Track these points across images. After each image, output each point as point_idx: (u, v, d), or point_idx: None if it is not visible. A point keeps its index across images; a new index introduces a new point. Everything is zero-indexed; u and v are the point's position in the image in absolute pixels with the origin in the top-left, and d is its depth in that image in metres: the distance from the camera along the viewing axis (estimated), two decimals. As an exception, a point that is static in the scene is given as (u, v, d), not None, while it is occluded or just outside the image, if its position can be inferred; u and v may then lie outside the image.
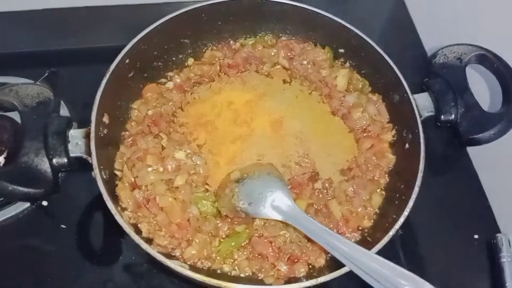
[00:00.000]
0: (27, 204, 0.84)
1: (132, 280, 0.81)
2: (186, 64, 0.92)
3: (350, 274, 0.65)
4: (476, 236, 0.86)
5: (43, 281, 0.79)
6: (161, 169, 0.76)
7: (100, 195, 0.79)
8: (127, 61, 0.82)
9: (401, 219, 0.70)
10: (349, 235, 0.76)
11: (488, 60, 0.82)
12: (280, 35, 0.96)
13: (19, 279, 0.79)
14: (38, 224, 0.85)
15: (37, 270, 0.80)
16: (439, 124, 0.82)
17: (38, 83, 0.90)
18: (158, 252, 0.66)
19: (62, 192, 0.76)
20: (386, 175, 0.82)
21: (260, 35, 0.96)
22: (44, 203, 0.85)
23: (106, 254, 0.83)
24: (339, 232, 0.75)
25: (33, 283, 0.79)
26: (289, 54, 0.93)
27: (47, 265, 0.81)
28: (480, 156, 0.94)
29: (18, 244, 0.83)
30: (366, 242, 0.74)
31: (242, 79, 0.92)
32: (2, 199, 0.84)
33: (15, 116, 0.88)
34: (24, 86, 0.70)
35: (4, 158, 0.84)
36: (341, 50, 0.93)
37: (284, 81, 0.92)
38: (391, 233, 0.69)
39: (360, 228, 0.77)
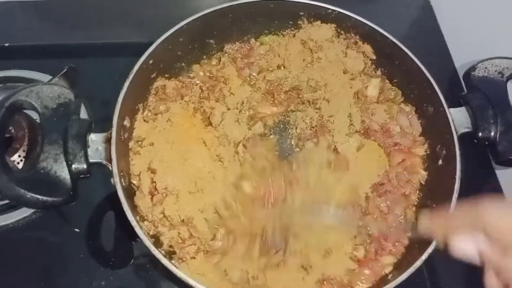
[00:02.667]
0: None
1: (144, 285, 0.79)
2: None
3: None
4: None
5: (55, 284, 0.78)
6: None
7: (114, 198, 0.78)
8: (151, 61, 0.78)
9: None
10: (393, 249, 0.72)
11: (532, 76, 0.78)
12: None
13: (31, 282, 0.77)
14: (51, 227, 0.83)
15: (49, 273, 0.79)
16: (476, 141, 0.77)
17: (56, 80, 0.88)
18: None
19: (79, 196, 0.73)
20: (417, 191, 0.78)
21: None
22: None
23: (119, 258, 0.81)
24: (382, 247, 0.72)
25: (45, 286, 0.77)
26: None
27: (60, 269, 0.79)
28: (508, 178, 0.90)
29: (30, 246, 0.81)
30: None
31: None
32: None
33: (31, 114, 0.87)
34: (45, 87, 0.67)
35: (19, 156, 0.83)
36: (373, 57, 0.88)
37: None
38: (424, 257, 0.65)
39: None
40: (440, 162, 0.77)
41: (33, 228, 0.81)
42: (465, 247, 0.50)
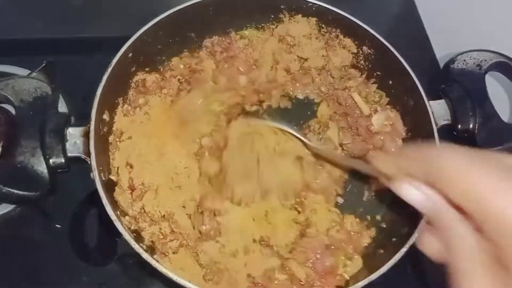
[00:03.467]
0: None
1: (127, 282, 0.78)
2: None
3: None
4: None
5: (37, 282, 0.76)
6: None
7: (97, 193, 0.77)
8: (130, 54, 0.77)
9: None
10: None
11: (509, 68, 0.79)
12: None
13: (13, 279, 0.76)
14: (32, 223, 0.81)
15: (30, 270, 0.77)
16: (455, 133, 0.78)
17: (34, 75, 0.86)
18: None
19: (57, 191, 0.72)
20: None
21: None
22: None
23: (102, 255, 0.80)
24: None
25: (26, 284, 0.76)
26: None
27: (41, 265, 0.78)
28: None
29: (10, 243, 0.80)
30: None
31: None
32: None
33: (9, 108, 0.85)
34: (21, 80, 0.66)
35: (-2, 152, 0.81)
36: (354, 51, 0.88)
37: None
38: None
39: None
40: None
41: (13, 225, 0.80)
42: (410, 194, 0.43)
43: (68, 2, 1.06)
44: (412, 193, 0.43)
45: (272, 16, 0.89)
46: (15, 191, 0.60)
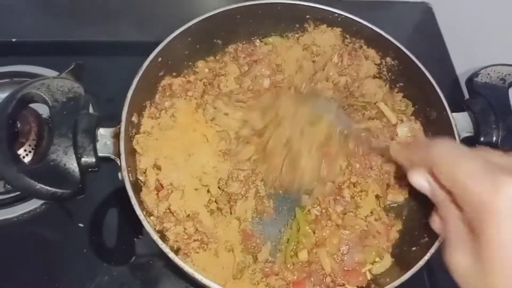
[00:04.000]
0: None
1: (146, 281, 0.79)
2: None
3: None
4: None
5: (58, 279, 0.78)
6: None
7: (119, 194, 0.78)
8: (160, 59, 0.79)
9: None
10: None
11: (533, 83, 0.79)
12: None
13: (34, 275, 0.78)
14: (56, 221, 0.83)
15: (52, 267, 0.79)
16: (477, 146, 0.79)
17: (63, 76, 0.88)
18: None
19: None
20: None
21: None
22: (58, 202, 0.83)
23: (121, 254, 0.82)
24: None
25: (47, 280, 0.78)
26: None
27: (63, 263, 0.80)
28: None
29: (35, 240, 0.82)
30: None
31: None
32: (20, 193, 0.83)
33: (40, 108, 0.87)
34: (56, 81, 0.68)
35: (25, 150, 0.83)
36: (377, 62, 0.89)
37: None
38: (427, 257, 0.66)
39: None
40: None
41: (37, 222, 0.82)
42: (418, 180, 0.52)
43: (96, 6, 1.09)
44: (418, 180, 0.52)
45: (297, 25, 0.91)
46: (48, 188, 0.61)
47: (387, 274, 0.71)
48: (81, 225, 0.83)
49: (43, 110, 0.90)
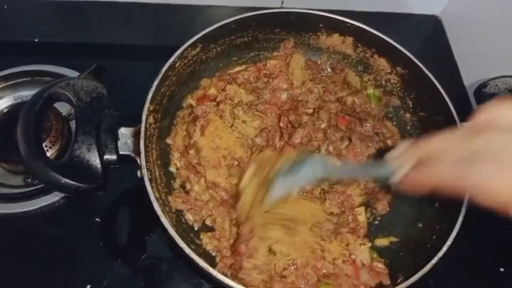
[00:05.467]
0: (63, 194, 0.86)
1: (160, 278, 0.81)
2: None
3: None
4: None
5: (74, 271, 0.80)
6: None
7: (135, 192, 0.81)
8: (178, 63, 0.83)
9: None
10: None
11: (540, 95, 0.82)
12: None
13: (51, 267, 0.80)
14: (73, 215, 0.86)
15: (68, 259, 0.81)
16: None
17: (84, 76, 0.91)
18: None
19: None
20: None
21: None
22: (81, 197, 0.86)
23: (136, 250, 0.84)
24: None
25: (64, 272, 0.80)
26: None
27: (79, 255, 0.82)
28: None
29: (52, 232, 0.85)
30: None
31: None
32: (40, 186, 0.86)
33: (60, 105, 0.90)
34: (81, 81, 0.71)
35: (45, 146, 0.86)
36: (388, 70, 0.93)
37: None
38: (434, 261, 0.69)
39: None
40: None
41: (56, 216, 0.85)
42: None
43: (117, 10, 1.13)
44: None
45: (310, 33, 0.94)
46: (73, 183, 0.64)
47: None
48: (97, 219, 0.85)
49: (62, 109, 0.94)
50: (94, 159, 0.67)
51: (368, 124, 0.85)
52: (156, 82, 0.77)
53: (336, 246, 0.74)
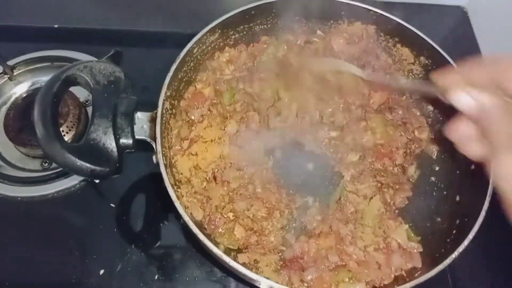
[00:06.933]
0: (79, 179, 0.86)
1: (173, 264, 0.81)
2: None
3: None
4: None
5: (88, 255, 0.81)
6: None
7: (151, 177, 0.82)
8: (195, 50, 0.82)
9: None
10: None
11: None
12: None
13: (66, 251, 0.81)
14: (88, 200, 0.87)
15: (83, 244, 0.82)
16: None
17: (104, 60, 0.91)
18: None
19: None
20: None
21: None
22: (96, 180, 0.86)
23: (150, 236, 0.84)
24: None
25: (78, 256, 0.81)
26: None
27: (93, 240, 0.82)
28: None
29: (67, 217, 0.86)
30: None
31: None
32: (57, 170, 0.86)
33: (77, 90, 0.91)
34: (98, 64, 0.70)
35: (63, 131, 0.87)
36: (411, 61, 0.90)
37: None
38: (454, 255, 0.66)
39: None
40: (472, 166, 0.77)
41: (71, 200, 0.85)
42: (463, 98, 0.50)
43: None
44: (465, 99, 0.49)
45: (331, 21, 0.92)
46: (88, 165, 0.64)
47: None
48: (112, 205, 0.85)
49: (80, 94, 0.94)
50: (110, 143, 0.67)
51: (400, 112, 0.85)
52: (173, 67, 0.76)
53: (369, 234, 0.74)
